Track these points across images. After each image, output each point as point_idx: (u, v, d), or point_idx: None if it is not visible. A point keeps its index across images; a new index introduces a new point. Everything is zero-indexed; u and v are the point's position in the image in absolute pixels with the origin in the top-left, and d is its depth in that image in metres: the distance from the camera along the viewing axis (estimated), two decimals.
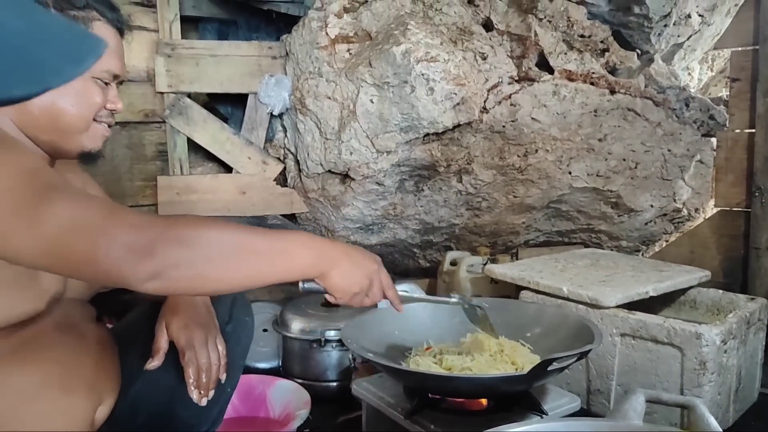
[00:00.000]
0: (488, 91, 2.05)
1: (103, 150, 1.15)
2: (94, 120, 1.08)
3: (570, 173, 2.23)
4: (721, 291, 1.92)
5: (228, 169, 2.32)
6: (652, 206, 2.33)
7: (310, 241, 0.98)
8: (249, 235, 0.91)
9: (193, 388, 1.12)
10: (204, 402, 1.14)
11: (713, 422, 0.82)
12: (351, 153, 2.07)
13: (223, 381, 1.17)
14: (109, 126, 1.13)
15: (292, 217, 2.38)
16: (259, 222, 2.31)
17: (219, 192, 2.27)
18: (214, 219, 0.91)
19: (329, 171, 2.17)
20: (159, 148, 2.28)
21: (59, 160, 1.13)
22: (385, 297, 1.11)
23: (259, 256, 0.90)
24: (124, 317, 1.34)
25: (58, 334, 1.05)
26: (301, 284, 1.03)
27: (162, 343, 1.12)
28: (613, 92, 2.13)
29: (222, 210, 2.28)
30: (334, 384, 1.91)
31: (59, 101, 1.03)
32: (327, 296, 1.05)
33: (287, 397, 1.77)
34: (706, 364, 1.56)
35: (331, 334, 1.85)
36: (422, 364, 1.29)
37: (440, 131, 2.02)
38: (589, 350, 1.08)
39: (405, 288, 1.67)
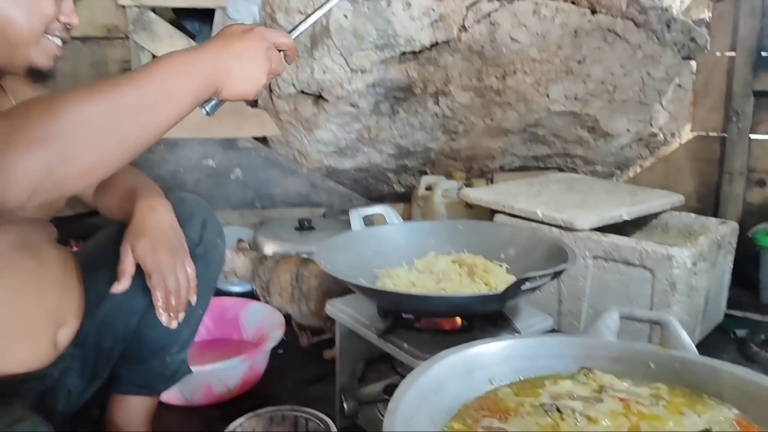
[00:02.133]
0: (467, 8, 1.97)
1: (54, 70, 1.05)
2: (46, 34, 1.00)
3: (548, 96, 2.19)
4: (693, 215, 1.94)
5: None
6: (628, 130, 2.32)
7: (185, 64, 0.83)
8: (117, 95, 0.77)
9: (161, 311, 1.10)
10: (174, 325, 1.12)
11: (686, 338, 0.82)
12: (324, 72, 1.99)
13: (193, 303, 1.14)
14: (64, 42, 1.04)
15: (263, 140, 2.32)
16: None
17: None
18: (71, 92, 0.75)
19: (302, 91, 2.10)
20: (123, 66, 2.17)
21: (10, 77, 1.05)
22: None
23: (136, 115, 0.78)
24: (90, 239, 1.30)
25: (16, 255, 1.01)
26: (201, 110, 0.93)
27: (128, 266, 1.08)
28: (594, 12, 2.07)
29: (191, 131, 2.20)
30: None
31: (7, 10, 0.94)
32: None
33: (260, 320, 1.77)
34: (676, 286, 1.59)
35: (305, 256, 1.83)
36: (397, 284, 1.28)
37: (417, 50, 1.95)
38: (563, 269, 1.08)
39: (379, 211, 1.66)
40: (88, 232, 1.35)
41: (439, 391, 0.77)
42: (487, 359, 0.84)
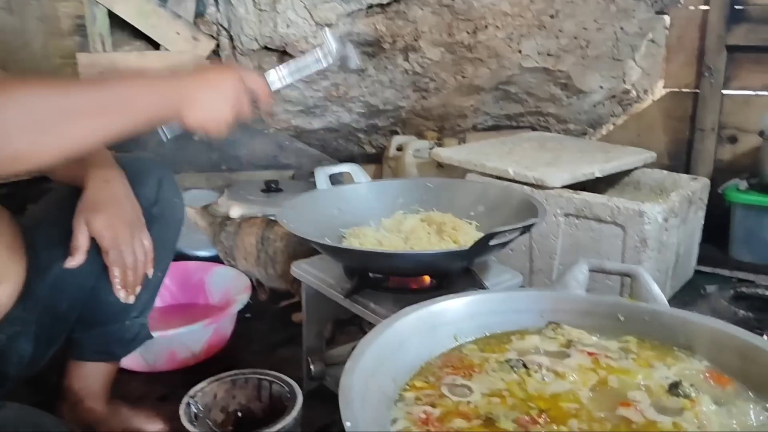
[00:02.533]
0: None
1: None
2: None
3: (520, 52, 2.13)
4: (665, 171, 1.92)
5: (156, 46, 2.14)
6: (601, 87, 2.28)
7: (151, 80, 0.84)
8: (68, 94, 0.77)
9: (119, 287, 1.05)
10: (131, 299, 1.08)
11: (656, 289, 0.80)
12: (288, 26, 1.91)
13: (150, 276, 1.10)
14: None
15: None
16: None
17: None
18: (27, 78, 0.77)
19: (265, 47, 2.02)
20: (77, 21, 2.06)
21: None
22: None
23: (82, 117, 0.77)
24: (39, 201, 1.24)
25: None
26: (161, 133, 0.91)
27: (81, 241, 1.02)
28: None
29: None
30: None
31: None
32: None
33: (226, 283, 1.72)
34: (648, 242, 1.57)
35: (272, 218, 1.78)
36: (364, 243, 1.24)
37: (385, 2, 1.88)
38: (532, 224, 1.04)
39: (347, 169, 1.61)
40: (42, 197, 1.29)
41: (401, 349, 0.73)
42: (451, 315, 0.81)
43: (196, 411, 1.07)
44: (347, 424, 0.56)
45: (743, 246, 1.98)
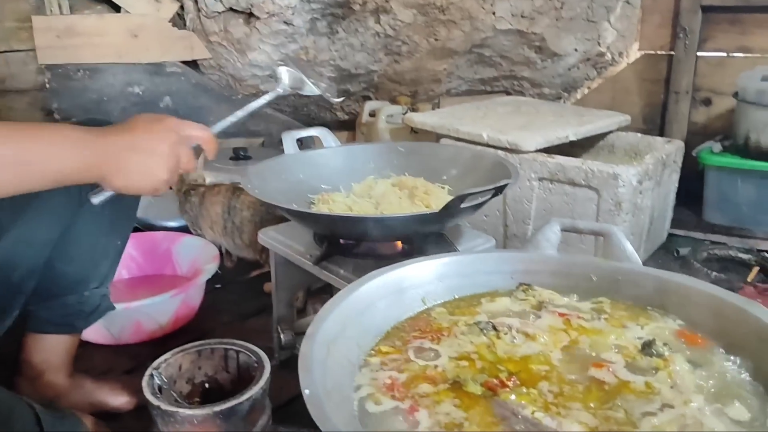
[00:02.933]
0: None
1: None
2: None
3: (494, 14, 2.08)
4: (639, 134, 1.91)
5: (116, 9, 2.05)
6: (576, 50, 2.24)
7: (77, 140, 0.78)
8: None
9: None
10: None
11: (630, 249, 0.78)
12: None
13: None
14: None
15: (193, 64, 2.16)
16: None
17: (107, 35, 2.01)
18: None
19: (231, 9, 1.94)
20: None
21: None
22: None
23: (2, 167, 0.73)
24: None
25: None
26: (91, 198, 0.85)
27: None
28: None
29: (112, 56, 2.03)
30: None
31: None
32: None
33: (194, 253, 1.68)
34: (622, 205, 1.56)
35: (238, 186, 1.73)
36: (333, 209, 1.20)
37: None
38: (504, 185, 1.01)
39: (315, 133, 1.55)
40: None
41: (367, 313, 0.70)
42: (419, 278, 0.78)
43: (159, 383, 1.03)
44: (306, 392, 0.53)
45: (716, 209, 1.97)
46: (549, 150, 1.69)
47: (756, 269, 1.75)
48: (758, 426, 0.56)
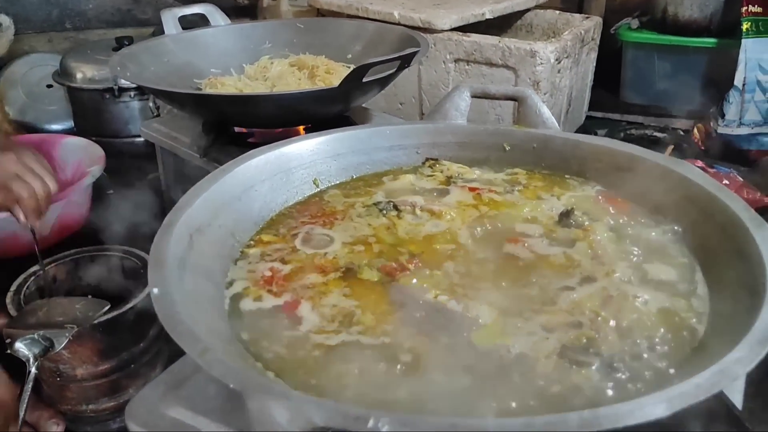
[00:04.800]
0: None
1: None
2: None
3: None
4: (557, 12, 1.82)
5: None
6: None
7: None
8: None
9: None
10: None
11: (546, 112, 0.69)
12: None
13: None
14: None
15: None
16: None
17: None
18: None
19: None
20: None
21: None
22: None
23: None
24: None
25: None
26: None
27: None
28: None
29: None
30: (140, 140, 1.65)
31: None
32: None
33: (78, 155, 1.49)
34: (540, 84, 1.48)
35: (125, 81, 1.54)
36: (222, 91, 1.06)
37: None
38: (412, 55, 0.90)
39: (200, 10, 1.37)
40: None
41: (245, 198, 0.59)
42: (309, 157, 0.67)
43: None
44: (154, 291, 0.43)
45: (633, 88, 1.94)
46: (465, 29, 1.57)
47: (671, 147, 1.73)
48: (685, 288, 0.50)
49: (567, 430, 0.32)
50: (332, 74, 1.12)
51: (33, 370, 0.74)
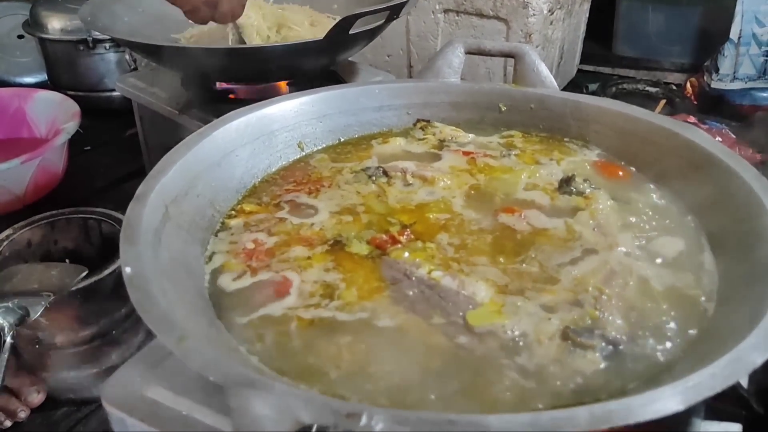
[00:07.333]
0: None
1: None
2: None
3: None
4: None
5: None
6: None
7: None
8: None
9: None
10: None
11: (545, 71, 0.65)
12: None
13: None
14: None
15: None
16: None
17: None
18: None
19: None
20: None
21: None
22: None
23: None
24: None
25: None
26: None
27: None
28: None
29: None
30: (117, 94, 1.58)
31: None
32: None
33: (52, 111, 1.43)
34: (532, 36, 1.43)
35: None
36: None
37: None
38: (401, 5, 0.85)
39: None
40: None
41: (225, 164, 0.55)
42: (293, 118, 0.62)
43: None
44: (126, 270, 0.39)
45: (626, 41, 1.89)
46: None
47: (663, 102, 1.70)
48: (693, 262, 0.48)
49: (575, 428, 0.29)
50: (317, 26, 1.06)
51: (8, 339, 0.71)
